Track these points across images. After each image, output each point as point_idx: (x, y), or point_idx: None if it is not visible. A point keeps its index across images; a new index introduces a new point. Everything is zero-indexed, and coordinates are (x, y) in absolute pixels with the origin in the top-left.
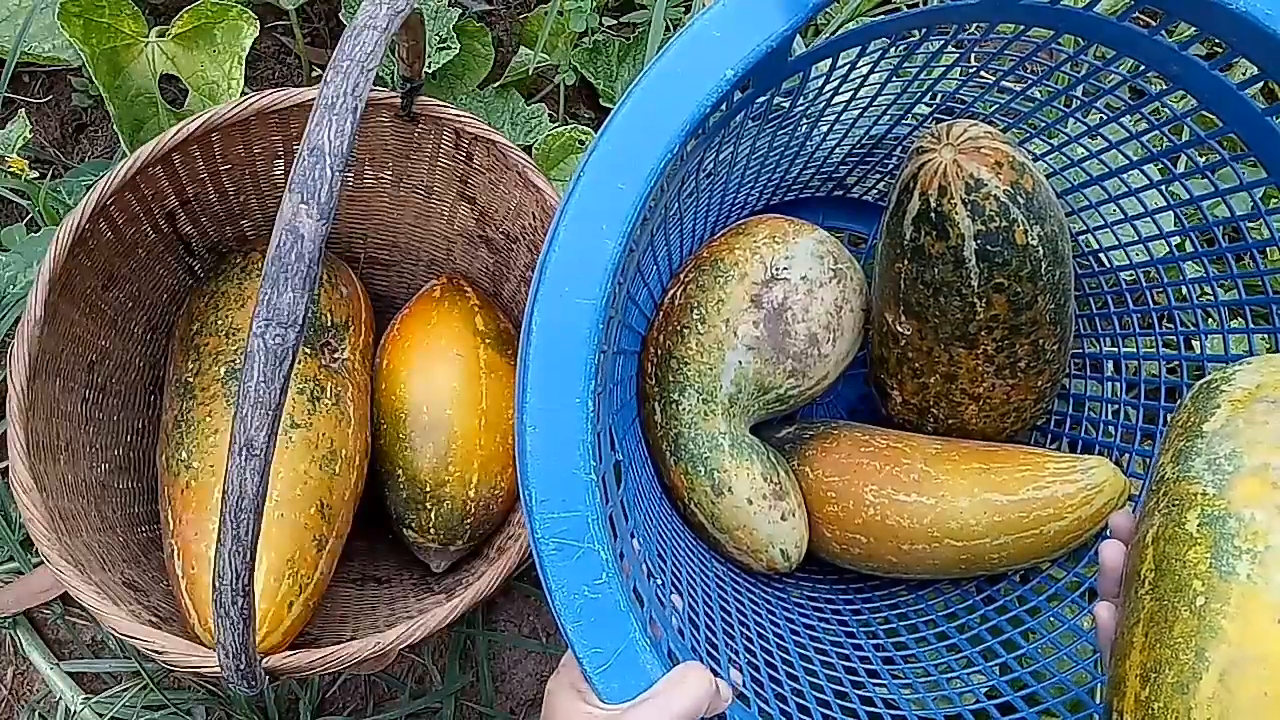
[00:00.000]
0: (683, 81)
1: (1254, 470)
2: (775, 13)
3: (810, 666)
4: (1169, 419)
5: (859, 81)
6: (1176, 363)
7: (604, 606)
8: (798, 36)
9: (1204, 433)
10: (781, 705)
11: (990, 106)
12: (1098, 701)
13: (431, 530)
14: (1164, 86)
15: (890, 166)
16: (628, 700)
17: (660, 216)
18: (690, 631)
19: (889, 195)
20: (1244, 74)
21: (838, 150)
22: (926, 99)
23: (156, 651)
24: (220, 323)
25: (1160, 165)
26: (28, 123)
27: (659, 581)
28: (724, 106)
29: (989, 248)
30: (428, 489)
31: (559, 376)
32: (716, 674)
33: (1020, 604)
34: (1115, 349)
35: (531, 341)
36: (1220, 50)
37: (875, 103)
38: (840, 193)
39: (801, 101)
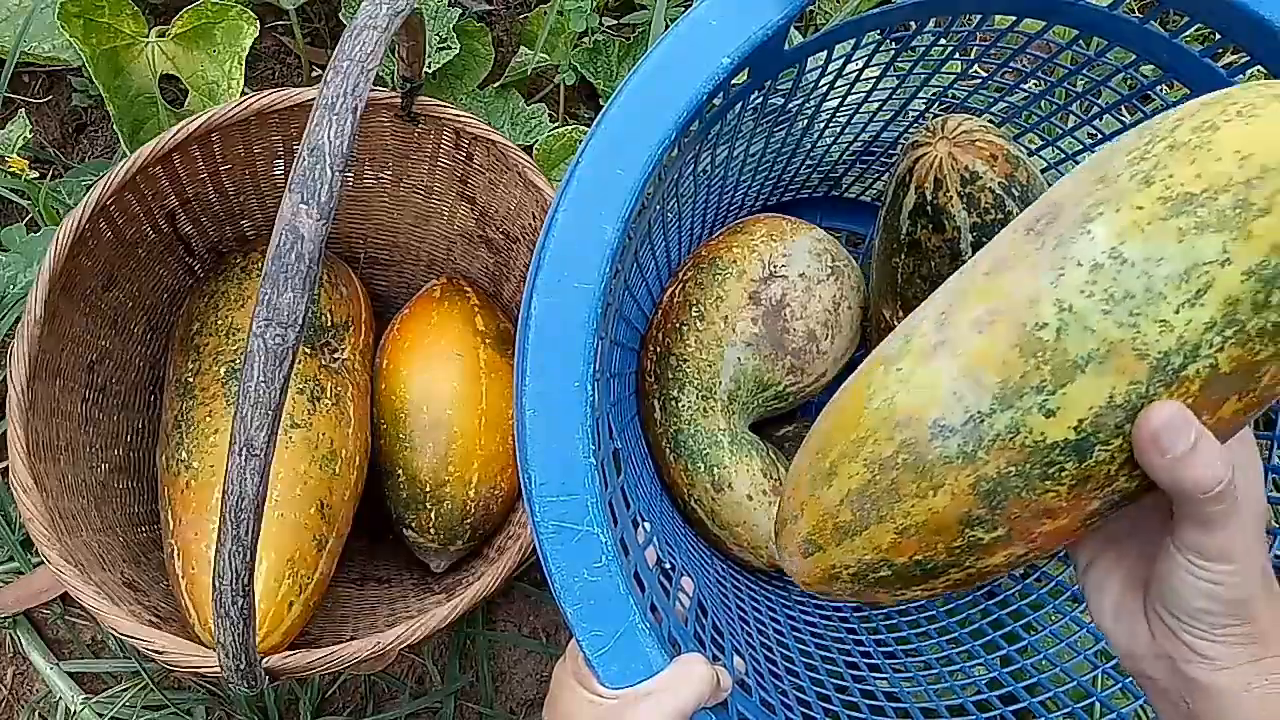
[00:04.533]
0: (680, 69)
1: None
2: (771, 1)
3: (810, 661)
4: None
5: (854, 76)
6: None
7: (604, 589)
8: (794, 29)
9: None
10: (782, 698)
11: (985, 101)
12: (1099, 689)
13: (431, 530)
14: (1157, 76)
15: (887, 166)
16: (628, 685)
17: (658, 208)
18: (695, 617)
19: (885, 192)
20: (1234, 60)
21: (835, 148)
22: (922, 95)
23: (156, 651)
24: (220, 323)
25: None
26: (28, 123)
27: (668, 564)
28: (721, 95)
29: (985, 240)
30: (428, 489)
31: (558, 360)
32: (718, 660)
33: (1022, 598)
34: None
35: (530, 325)
36: (1212, 37)
37: (871, 99)
38: (837, 193)
39: (798, 97)
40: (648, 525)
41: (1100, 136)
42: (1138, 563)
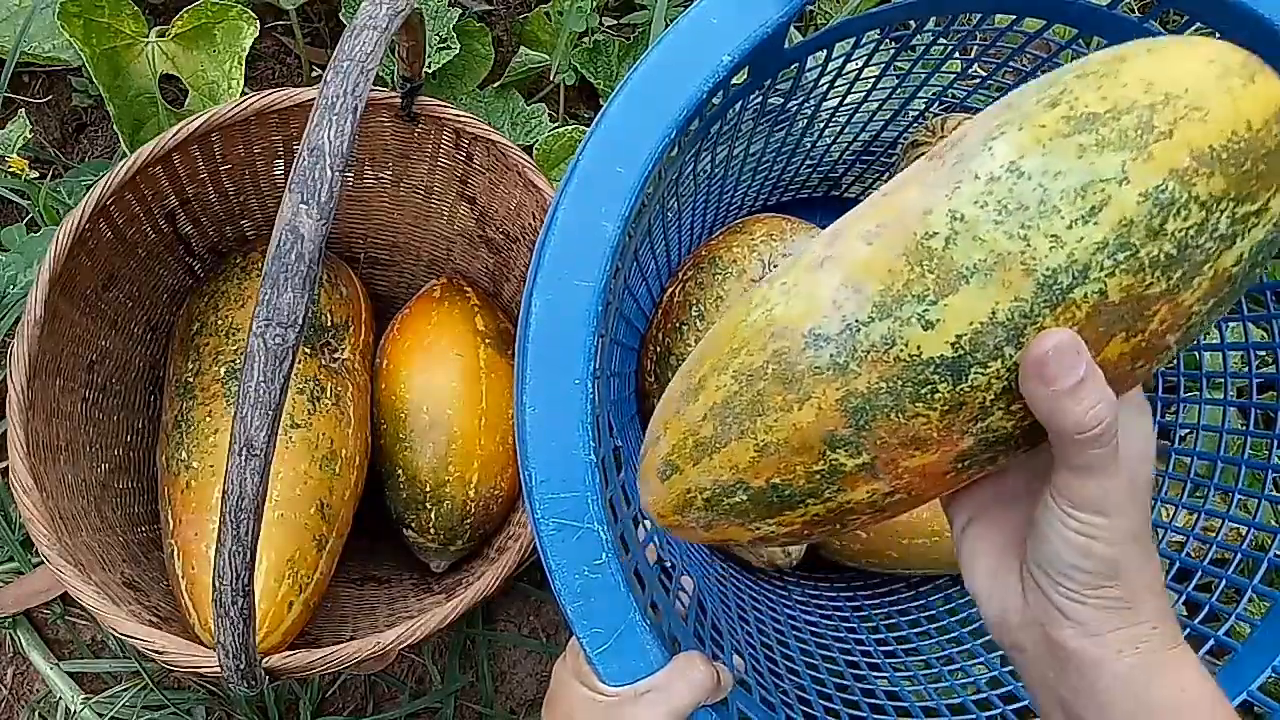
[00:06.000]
0: (680, 67)
1: None
2: (771, 0)
3: (811, 660)
4: None
5: (854, 76)
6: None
7: (604, 586)
8: (794, 28)
9: None
10: (783, 697)
11: (985, 101)
12: None
13: (431, 530)
14: None
15: (887, 166)
16: (628, 683)
17: (658, 207)
18: (694, 615)
19: None
20: None
21: (835, 148)
22: (921, 95)
23: (156, 651)
24: (220, 323)
25: None
26: (28, 123)
27: (668, 563)
28: (721, 93)
29: None
30: (428, 489)
31: (558, 358)
32: (718, 658)
33: None
34: None
35: (531, 323)
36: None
37: (870, 98)
38: (837, 193)
39: (798, 96)
40: (648, 523)
41: None
42: (1020, 524)
